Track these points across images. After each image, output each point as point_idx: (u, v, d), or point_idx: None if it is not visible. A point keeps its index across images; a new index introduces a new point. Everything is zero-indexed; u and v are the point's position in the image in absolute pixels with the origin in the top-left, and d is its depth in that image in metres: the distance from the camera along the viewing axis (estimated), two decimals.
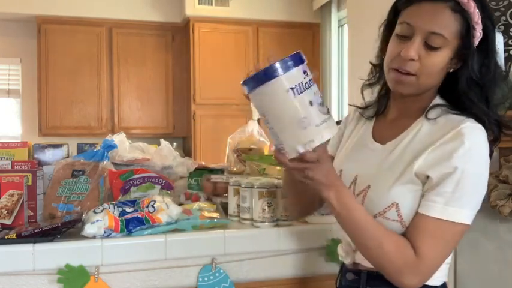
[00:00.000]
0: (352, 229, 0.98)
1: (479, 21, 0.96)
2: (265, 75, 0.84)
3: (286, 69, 0.84)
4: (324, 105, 0.87)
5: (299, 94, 0.84)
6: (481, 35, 0.97)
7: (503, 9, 1.56)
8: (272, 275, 1.42)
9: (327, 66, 4.74)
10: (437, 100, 1.03)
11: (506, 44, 1.53)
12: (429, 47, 0.96)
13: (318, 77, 1.02)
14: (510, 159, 1.49)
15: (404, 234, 0.97)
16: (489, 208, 1.51)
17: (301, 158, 0.89)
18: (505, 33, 1.54)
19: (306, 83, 0.85)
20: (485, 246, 1.59)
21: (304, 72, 0.86)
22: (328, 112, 0.88)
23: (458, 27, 0.95)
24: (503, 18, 1.56)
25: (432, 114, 1.00)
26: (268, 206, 1.41)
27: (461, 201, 0.93)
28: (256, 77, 0.85)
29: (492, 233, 1.58)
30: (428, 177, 0.95)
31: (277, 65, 0.84)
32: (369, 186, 1.02)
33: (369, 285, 1.05)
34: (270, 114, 0.87)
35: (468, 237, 1.62)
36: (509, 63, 1.55)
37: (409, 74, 0.97)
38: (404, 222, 0.97)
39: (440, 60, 0.97)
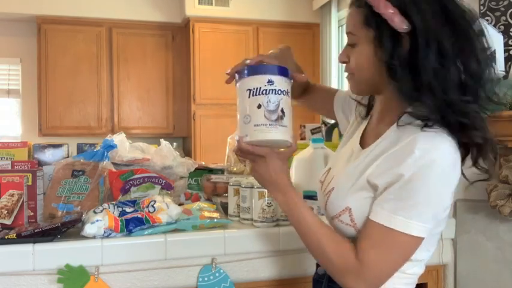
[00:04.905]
0: (296, 229, 1.02)
1: (389, 3, 0.91)
2: (241, 75, 1.01)
3: (252, 74, 0.99)
4: (278, 115, 0.97)
5: (252, 96, 0.98)
6: (404, 18, 0.91)
7: (503, 9, 1.56)
8: (272, 275, 1.42)
9: (327, 66, 4.74)
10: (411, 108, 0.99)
11: (506, 44, 1.53)
12: (350, 46, 1.01)
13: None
14: (510, 159, 1.49)
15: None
16: (489, 208, 1.51)
17: (248, 150, 0.99)
18: (505, 33, 1.54)
19: (264, 90, 0.98)
20: (485, 246, 1.59)
21: (270, 81, 0.98)
22: (277, 121, 0.97)
23: (361, 18, 0.97)
24: (503, 18, 1.56)
25: (402, 121, 0.96)
26: (268, 206, 1.42)
27: (408, 211, 0.88)
28: (238, 74, 1.02)
29: (492, 233, 1.58)
30: (376, 184, 0.93)
31: (248, 70, 1.00)
32: (333, 189, 1.03)
33: (331, 281, 1.04)
34: (237, 106, 1.02)
35: (468, 237, 1.62)
36: (509, 63, 1.55)
37: (350, 74, 1.03)
38: (358, 227, 0.97)
39: (361, 53, 0.98)
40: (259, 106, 0.97)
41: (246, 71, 1.00)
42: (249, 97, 0.99)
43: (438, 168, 0.87)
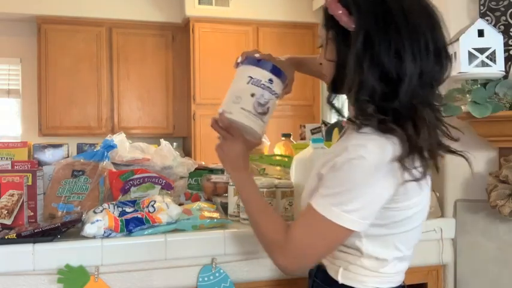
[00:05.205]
0: (244, 206, 1.13)
1: (339, 5, 0.96)
2: (249, 61, 1.11)
3: (260, 66, 1.09)
4: (263, 110, 1.08)
5: (251, 84, 1.08)
6: (352, 17, 0.95)
7: (503, 9, 1.56)
8: (272, 275, 1.42)
9: None
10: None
11: (506, 44, 1.53)
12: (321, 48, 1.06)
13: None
14: (510, 159, 1.49)
15: None
16: (489, 208, 1.51)
17: (226, 125, 1.09)
18: (505, 33, 1.54)
19: (263, 84, 1.08)
20: (485, 246, 1.59)
21: (270, 80, 1.09)
22: (260, 115, 1.08)
23: (323, 21, 1.03)
24: (503, 18, 1.56)
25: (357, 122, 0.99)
26: None
27: (333, 198, 0.92)
28: (247, 59, 1.12)
29: (492, 233, 1.57)
30: (322, 174, 0.99)
31: (259, 61, 1.10)
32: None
33: (316, 277, 1.11)
34: (231, 84, 1.12)
35: (468, 237, 1.62)
36: (509, 63, 1.55)
37: None
38: None
39: (323, 54, 1.04)
40: (252, 95, 1.07)
41: (256, 60, 1.10)
42: (247, 83, 1.09)
43: (364, 164, 0.90)
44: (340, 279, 1.02)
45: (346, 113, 1.13)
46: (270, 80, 1.09)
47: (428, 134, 0.93)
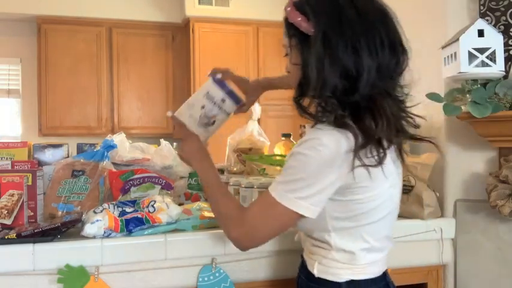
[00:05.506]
0: (205, 191, 1.22)
1: (297, 12, 1.04)
2: (214, 79, 1.26)
3: (219, 86, 1.25)
4: (208, 121, 1.25)
5: (205, 98, 1.25)
6: (308, 21, 1.02)
7: (503, 9, 1.56)
8: (272, 275, 1.42)
9: None
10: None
11: (506, 44, 1.52)
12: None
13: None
14: (510, 159, 1.49)
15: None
16: (489, 208, 1.50)
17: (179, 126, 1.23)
18: (505, 33, 1.53)
19: (215, 102, 1.25)
20: (485, 246, 1.59)
21: (223, 100, 1.25)
22: (204, 125, 1.25)
23: (285, 31, 1.11)
24: (503, 18, 1.55)
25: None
26: None
27: (288, 186, 0.99)
28: (214, 76, 1.27)
29: (492, 233, 1.57)
30: None
31: (220, 82, 1.26)
32: None
33: (300, 271, 1.17)
34: (196, 91, 1.29)
35: (468, 237, 1.62)
36: (509, 63, 1.55)
37: None
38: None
39: (289, 61, 1.11)
40: (203, 107, 1.23)
41: (218, 80, 1.25)
42: (203, 96, 1.24)
43: (317, 156, 0.96)
44: (316, 273, 1.07)
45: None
46: (223, 100, 1.24)
47: (387, 123, 0.99)
